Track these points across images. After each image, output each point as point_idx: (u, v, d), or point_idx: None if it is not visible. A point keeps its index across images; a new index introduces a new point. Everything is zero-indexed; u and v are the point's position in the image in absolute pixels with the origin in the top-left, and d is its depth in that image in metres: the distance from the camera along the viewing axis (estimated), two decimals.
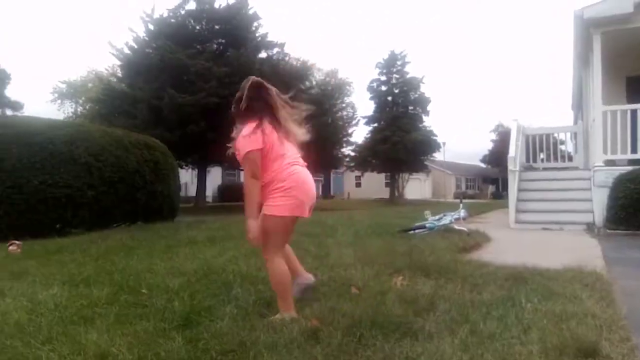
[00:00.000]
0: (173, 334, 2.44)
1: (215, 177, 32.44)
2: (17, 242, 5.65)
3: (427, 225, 6.98)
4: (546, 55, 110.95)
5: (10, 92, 36.19)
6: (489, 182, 55.39)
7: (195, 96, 18.52)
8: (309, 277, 3.26)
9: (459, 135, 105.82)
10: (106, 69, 32.98)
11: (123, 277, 3.84)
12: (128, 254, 5.11)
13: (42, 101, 62.91)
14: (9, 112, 35.11)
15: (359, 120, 35.65)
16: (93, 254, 5.22)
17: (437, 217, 7.39)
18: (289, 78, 22.39)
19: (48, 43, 77.86)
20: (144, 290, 3.33)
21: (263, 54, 22.95)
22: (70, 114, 41.68)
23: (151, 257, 4.92)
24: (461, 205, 8.00)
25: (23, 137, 6.67)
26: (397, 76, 35.38)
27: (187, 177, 27.94)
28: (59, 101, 45.41)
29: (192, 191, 25.69)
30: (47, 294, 3.31)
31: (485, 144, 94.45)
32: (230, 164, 28.86)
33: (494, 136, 54.31)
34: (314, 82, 29.50)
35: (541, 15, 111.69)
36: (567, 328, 2.48)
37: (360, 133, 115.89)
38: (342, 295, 3.18)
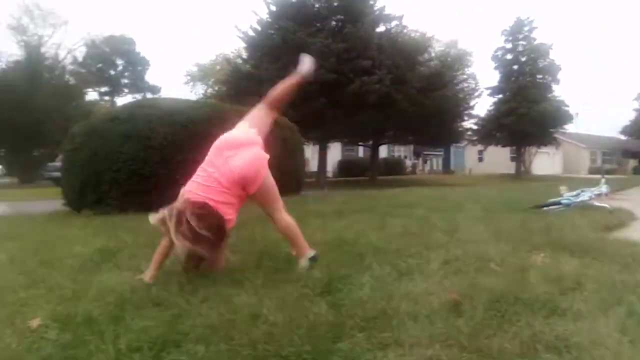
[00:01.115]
0: (317, 299, 2.57)
1: (335, 152, 33.01)
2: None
3: (562, 201, 6.55)
4: None
5: (149, 77, 39.49)
6: (629, 155, 50.10)
7: (315, 74, 18.86)
8: None
9: (594, 105, 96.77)
10: (232, 52, 34.73)
11: (264, 245, 4.10)
12: (264, 225, 5.42)
13: (176, 84, 68.21)
14: (148, 95, 38.51)
15: (481, 92, 34.04)
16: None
17: (574, 193, 6.90)
18: (407, 51, 21.97)
19: (182, 29, 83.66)
20: (294, 254, 3.52)
21: (381, 28, 22.68)
22: (201, 95, 44.65)
23: None
24: (603, 180, 7.38)
25: (166, 117, 7.31)
26: (523, 43, 33.07)
27: (308, 152, 28.78)
28: (191, 83, 48.85)
29: (312, 166, 26.42)
30: None
31: (626, 114, 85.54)
32: (350, 140, 29.24)
33: (636, 105, 49.07)
34: (433, 54, 28.55)
35: None
36: None
37: (482, 105, 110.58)
38: (480, 270, 3.12)
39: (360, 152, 36.19)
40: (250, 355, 1.89)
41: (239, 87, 21.18)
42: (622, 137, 51.73)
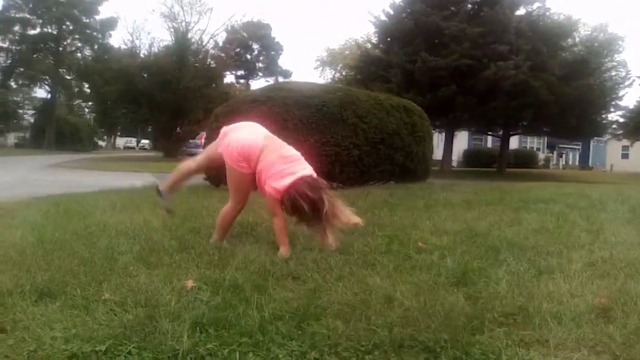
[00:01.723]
0: (452, 289, 2.54)
1: (461, 141, 31.94)
2: None
3: None
4: None
5: (282, 61, 41.12)
6: None
7: (447, 59, 18.35)
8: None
9: None
10: (362, 37, 34.87)
11: (392, 230, 4.12)
12: (391, 210, 5.45)
13: (307, 69, 70.45)
14: (280, 79, 40.10)
15: (633, 81, 30.64)
16: (360, 207, 5.66)
17: None
18: (549, 36, 20.45)
19: (314, 15, 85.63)
20: (421, 244, 3.52)
21: (521, 11, 21.34)
22: (329, 80, 45.54)
23: (412, 214, 5.15)
24: None
25: (302, 100, 7.59)
26: None
27: (434, 140, 28.15)
28: (320, 68, 49.99)
29: (437, 154, 25.82)
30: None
31: None
32: (478, 129, 28.06)
33: None
34: (578, 39, 26.24)
35: None
36: None
37: (632, 96, 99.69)
38: (632, 276, 2.86)
39: (489, 142, 34.61)
40: (387, 337, 1.92)
41: (368, 71, 21.25)
42: None
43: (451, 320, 2.07)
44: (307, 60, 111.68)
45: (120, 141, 66.23)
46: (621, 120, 30.43)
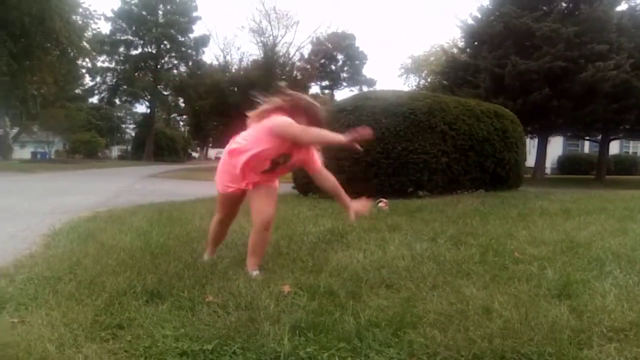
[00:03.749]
0: (554, 301, 2.44)
1: (555, 147, 30.25)
2: (384, 200, 6.48)
3: None
4: None
5: (366, 71, 41.27)
6: None
7: (539, 62, 17.50)
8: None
9: None
10: (447, 42, 34.17)
11: (486, 239, 4.01)
12: (483, 219, 5.29)
13: (391, 77, 70.20)
14: (364, 88, 40.20)
15: None
16: (450, 215, 5.59)
17: None
18: None
19: (398, 22, 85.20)
20: (517, 254, 3.41)
21: (622, 6, 19.92)
22: (414, 87, 44.98)
23: (506, 223, 4.97)
24: None
25: (390, 108, 7.57)
26: None
27: (526, 146, 26.91)
28: (405, 75, 49.53)
29: (530, 161, 24.64)
30: (420, 247, 3.72)
31: None
32: (574, 134, 26.43)
33: None
34: None
35: None
36: None
37: None
38: None
39: (586, 147, 32.47)
40: (487, 348, 1.88)
41: (455, 77, 20.76)
42: None
43: (555, 334, 1.99)
44: (391, 68, 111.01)
45: (212, 152, 69.42)
46: None
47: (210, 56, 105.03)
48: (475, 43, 21.09)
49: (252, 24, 36.39)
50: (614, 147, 30.62)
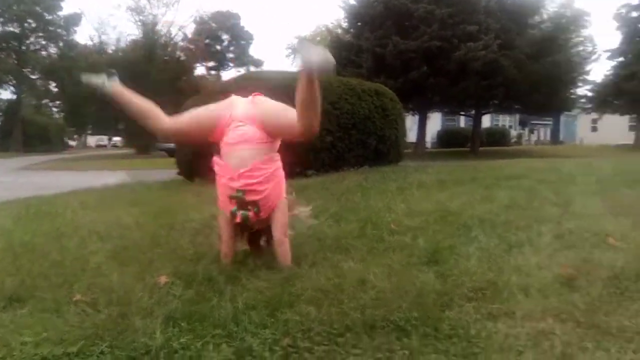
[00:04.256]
0: (424, 268, 2.58)
1: (434, 122, 32.15)
2: None
3: None
4: None
5: (253, 51, 40.75)
6: None
7: (417, 41, 18.41)
8: None
9: None
10: (332, 23, 34.68)
11: (366, 214, 4.15)
12: (365, 194, 5.48)
13: (279, 57, 70.06)
14: (252, 69, 39.75)
15: (599, 56, 31.11)
16: (335, 192, 5.72)
17: None
18: (517, 14, 20.65)
19: (283, 4, 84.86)
20: (393, 226, 3.56)
21: None
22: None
23: (386, 197, 5.19)
24: None
25: (274, 89, 7.46)
26: None
27: (407, 122, 28.26)
28: (292, 56, 49.62)
29: (411, 137, 25.94)
30: (302, 226, 3.74)
31: None
32: (451, 110, 28.26)
33: None
34: (546, 16, 26.48)
35: None
36: None
37: (598, 71, 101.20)
38: (597, 245, 2.94)
39: (462, 122, 34.89)
40: (359, 319, 1.95)
41: (339, 57, 21.16)
42: None
43: (422, 299, 2.11)
44: (279, 48, 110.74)
45: (92, 140, 65.09)
46: (589, 94, 30.96)
47: (84, 36, 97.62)
48: (358, 24, 21.64)
49: (129, 1, 34.45)
50: (486, 121, 33.21)
